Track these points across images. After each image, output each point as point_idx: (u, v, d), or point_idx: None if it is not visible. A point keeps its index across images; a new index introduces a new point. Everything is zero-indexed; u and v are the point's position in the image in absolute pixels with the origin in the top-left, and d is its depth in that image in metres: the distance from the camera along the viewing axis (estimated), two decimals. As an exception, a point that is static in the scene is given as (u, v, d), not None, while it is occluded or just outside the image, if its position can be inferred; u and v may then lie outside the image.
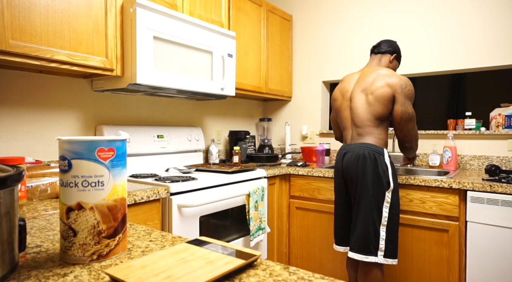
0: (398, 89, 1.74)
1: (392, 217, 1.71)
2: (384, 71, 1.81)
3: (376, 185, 1.70)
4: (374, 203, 1.70)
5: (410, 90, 1.76)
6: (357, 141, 1.82)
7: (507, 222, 1.69)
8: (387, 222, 1.70)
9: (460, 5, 2.39)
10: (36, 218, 1.02)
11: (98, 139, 0.66)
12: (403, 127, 1.76)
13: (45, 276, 0.61)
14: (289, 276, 0.61)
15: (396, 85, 1.74)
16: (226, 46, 2.17)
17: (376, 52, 1.98)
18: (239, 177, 1.99)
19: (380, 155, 1.73)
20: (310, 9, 3.05)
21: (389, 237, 1.70)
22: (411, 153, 1.89)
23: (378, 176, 1.71)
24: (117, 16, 1.70)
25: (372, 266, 1.71)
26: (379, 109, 1.76)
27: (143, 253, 0.73)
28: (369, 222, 1.69)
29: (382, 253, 1.69)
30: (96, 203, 0.67)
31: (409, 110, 1.74)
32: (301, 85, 3.11)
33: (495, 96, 5.03)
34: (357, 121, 1.81)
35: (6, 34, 1.31)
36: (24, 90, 1.70)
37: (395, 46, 1.98)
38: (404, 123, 1.75)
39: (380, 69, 1.83)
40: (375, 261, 1.68)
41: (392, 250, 1.70)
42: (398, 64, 2.02)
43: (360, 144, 1.78)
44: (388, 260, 1.69)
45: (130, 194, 1.42)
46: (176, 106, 2.47)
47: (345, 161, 1.81)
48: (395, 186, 1.73)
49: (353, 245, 1.73)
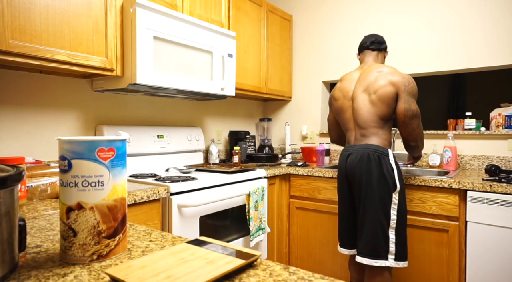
0: (402, 86, 1.70)
1: (401, 218, 1.68)
2: (386, 69, 1.77)
3: (382, 187, 1.66)
4: (381, 206, 1.65)
5: (413, 88, 1.72)
6: (361, 142, 1.78)
7: (507, 222, 1.69)
8: (396, 225, 1.66)
9: (460, 5, 2.39)
10: (36, 218, 1.02)
11: (98, 139, 0.66)
12: (407, 125, 1.71)
13: (45, 276, 0.61)
14: (289, 276, 0.61)
15: (399, 83, 1.71)
16: (226, 46, 2.17)
17: (373, 49, 1.93)
18: (239, 177, 1.99)
19: (384, 156, 1.70)
20: (310, 9, 3.05)
21: (398, 240, 1.66)
22: (416, 152, 1.83)
23: (383, 177, 1.67)
24: (117, 16, 1.70)
25: (382, 270, 1.67)
26: (383, 109, 1.73)
27: (143, 253, 0.73)
28: (377, 226, 1.65)
29: (393, 257, 1.64)
30: (96, 203, 0.67)
31: (413, 108, 1.70)
32: (301, 85, 3.11)
33: (495, 96, 5.03)
34: (361, 122, 1.77)
35: (6, 34, 1.31)
36: (24, 90, 1.70)
37: (384, 40, 1.96)
38: (408, 121, 1.70)
39: (381, 66, 1.80)
40: (386, 265, 1.64)
41: (402, 253, 1.66)
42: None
43: (364, 145, 1.74)
44: (399, 263, 1.65)
45: (130, 194, 1.42)
46: (176, 106, 2.47)
47: (349, 162, 1.77)
48: (401, 187, 1.69)
49: (361, 250, 1.69)
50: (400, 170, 1.73)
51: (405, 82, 1.72)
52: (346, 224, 1.84)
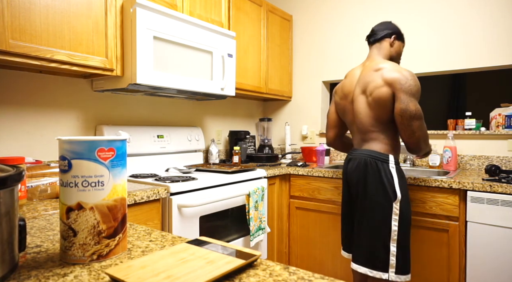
0: (397, 85, 1.55)
1: (403, 230, 1.56)
2: (385, 65, 1.62)
3: (381, 196, 1.56)
4: (381, 216, 1.55)
5: (412, 85, 1.55)
6: (361, 146, 1.71)
7: (507, 222, 1.68)
8: (398, 236, 1.55)
9: (460, 5, 2.39)
10: (36, 218, 1.02)
11: (98, 139, 0.66)
12: (406, 127, 1.56)
13: (45, 276, 0.61)
14: (289, 276, 0.61)
15: (395, 82, 1.55)
16: (226, 46, 2.17)
17: (373, 41, 1.76)
18: (239, 177, 1.99)
19: (384, 162, 1.59)
20: (310, 9, 3.05)
21: (400, 252, 1.54)
22: (418, 153, 1.66)
23: (382, 185, 1.56)
24: (117, 16, 1.70)
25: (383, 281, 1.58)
26: (380, 112, 1.61)
27: (143, 253, 0.73)
28: (374, 236, 1.56)
29: (394, 270, 1.54)
30: (96, 203, 0.67)
31: (411, 108, 1.54)
32: (301, 85, 3.11)
33: (495, 96, 5.03)
34: (361, 126, 1.69)
35: (6, 34, 1.31)
36: (24, 90, 1.70)
37: (391, 26, 1.74)
38: (406, 122, 1.55)
39: (381, 63, 1.64)
40: (385, 278, 1.54)
41: (404, 266, 1.55)
42: (403, 44, 1.80)
43: (364, 150, 1.66)
44: (401, 276, 1.53)
45: (130, 194, 1.42)
46: (176, 106, 2.47)
47: (348, 168, 1.73)
48: (404, 196, 1.57)
49: (357, 257, 1.62)
50: (404, 177, 1.62)
51: (402, 80, 1.55)
52: (346, 229, 1.82)
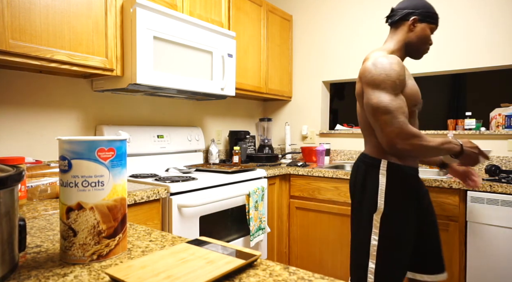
0: (363, 79, 1.34)
1: (385, 246, 1.30)
2: (370, 55, 1.40)
3: (365, 205, 1.37)
4: (361, 226, 1.38)
5: (375, 75, 1.28)
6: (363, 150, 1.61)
7: (507, 222, 1.69)
8: (377, 252, 1.31)
9: (460, 5, 2.38)
10: (36, 218, 1.02)
11: (98, 139, 0.66)
12: (374, 125, 1.29)
13: (45, 276, 0.61)
14: (289, 276, 0.61)
15: (361, 75, 1.35)
16: (226, 46, 2.17)
17: (390, 24, 1.46)
18: (239, 177, 1.99)
19: (373, 167, 1.37)
20: (310, 9, 3.05)
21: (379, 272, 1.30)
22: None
23: (364, 193, 1.37)
24: (117, 16, 1.70)
25: None
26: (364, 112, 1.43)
27: (143, 253, 0.73)
28: (354, 249, 1.41)
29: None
30: (96, 203, 0.67)
31: (372, 101, 1.27)
32: (301, 85, 3.11)
33: (495, 96, 5.03)
34: (360, 128, 1.51)
35: (6, 34, 1.31)
36: (24, 90, 1.70)
37: (414, 3, 1.39)
38: (372, 119, 1.29)
39: (372, 53, 1.42)
40: None
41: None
42: (432, 26, 1.41)
43: (360, 154, 1.50)
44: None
45: (130, 194, 1.42)
46: (176, 106, 2.47)
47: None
48: (388, 210, 1.31)
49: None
50: (396, 187, 1.34)
51: (366, 71, 1.32)
52: None
